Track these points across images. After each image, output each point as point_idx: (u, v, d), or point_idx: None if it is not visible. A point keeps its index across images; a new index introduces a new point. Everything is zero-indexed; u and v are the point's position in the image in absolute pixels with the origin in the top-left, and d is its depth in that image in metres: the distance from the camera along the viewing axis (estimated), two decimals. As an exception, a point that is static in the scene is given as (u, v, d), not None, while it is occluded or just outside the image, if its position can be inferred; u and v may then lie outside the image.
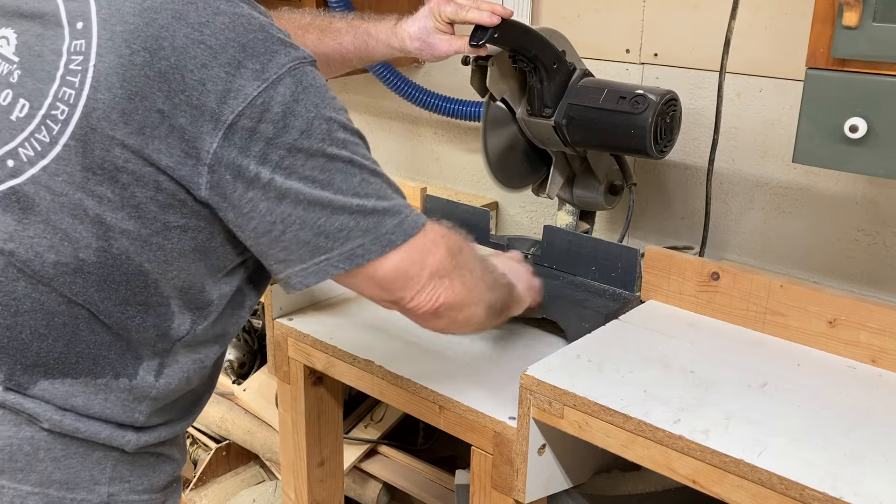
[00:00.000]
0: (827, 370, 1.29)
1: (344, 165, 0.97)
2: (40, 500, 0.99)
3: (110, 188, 0.93)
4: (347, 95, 2.32)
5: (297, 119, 0.93)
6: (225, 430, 2.25)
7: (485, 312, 1.18)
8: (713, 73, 1.60)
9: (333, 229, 0.97)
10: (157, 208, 0.94)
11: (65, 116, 0.92)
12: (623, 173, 1.69)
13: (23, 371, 0.98)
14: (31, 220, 0.95)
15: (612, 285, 1.55)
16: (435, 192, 1.91)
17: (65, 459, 1.00)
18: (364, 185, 0.99)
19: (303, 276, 1.00)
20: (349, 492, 2.00)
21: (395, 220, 1.01)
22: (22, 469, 0.98)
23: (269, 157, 0.93)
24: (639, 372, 1.26)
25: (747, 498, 1.05)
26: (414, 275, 1.05)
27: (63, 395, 0.99)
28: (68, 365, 0.99)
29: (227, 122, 0.91)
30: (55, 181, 0.93)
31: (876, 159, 1.15)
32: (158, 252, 0.97)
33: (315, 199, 0.96)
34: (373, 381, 1.45)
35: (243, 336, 2.32)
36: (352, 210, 0.98)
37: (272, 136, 0.92)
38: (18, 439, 0.98)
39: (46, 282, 0.96)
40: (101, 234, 0.95)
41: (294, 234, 0.97)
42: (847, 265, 1.58)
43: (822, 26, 1.14)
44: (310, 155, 0.94)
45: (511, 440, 1.26)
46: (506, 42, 1.48)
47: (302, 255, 0.98)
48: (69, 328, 0.98)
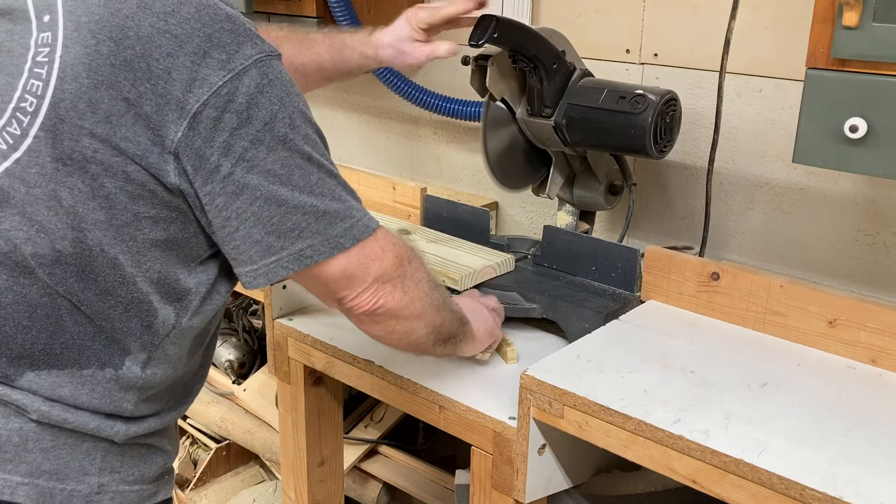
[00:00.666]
0: (827, 370, 1.29)
1: (303, 162, 0.98)
2: (30, 490, 0.99)
3: (80, 179, 0.93)
4: (347, 95, 2.32)
5: (261, 111, 0.93)
6: (225, 430, 2.25)
7: (426, 331, 1.18)
8: (713, 73, 1.60)
9: (285, 229, 0.98)
10: (127, 199, 0.95)
11: (34, 108, 0.92)
12: (623, 173, 1.69)
13: (8, 363, 0.99)
14: (7, 213, 0.95)
15: (612, 285, 1.55)
16: (435, 192, 1.91)
17: (54, 450, 1.01)
18: (320, 184, 0.99)
19: (252, 277, 1.00)
20: (349, 492, 2.00)
21: (347, 223, 1.02)
22: (11, 460, 0.99)
23: (232, 149, 0.93)
24: (639, 372, 1.26)
25: (747, 498, 1.05)
26: (359, 277, 1.06)
27: (50, 387, 1.00)
28: (53, 356, 1.00)
29: (192, 112, 0.91)
30: (28, 173, 0.94)
31: (876, 159, 1.15)
32: (131, 243, 0.97)
33: (271, 195, 0.96)
34: (373, 381, 1.45)
35: (243, 336, 2.32)
36: (305, 210, 0.98)
37: (236, 126, 0.93)
38: (7, 430, 0.99)
39: (27, 273, 0.97)
40: (76, 225, 0.95)
41: (247, 231, 0.97)
42: (847, 265, 1.58)
43: (822, 26, 1.14)
44: (271, 148, 0.95)
45: (511, 440, 1.26)
46: (505, 42, 1.48)
47: (252, 256, 0.99)
48: (52, 319, 0.99)
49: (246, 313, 2.34)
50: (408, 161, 2.24)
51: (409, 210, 1.89)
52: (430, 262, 1.57)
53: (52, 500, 1.01)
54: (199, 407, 2.27)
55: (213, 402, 2.27)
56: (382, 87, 2.01)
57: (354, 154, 2.35)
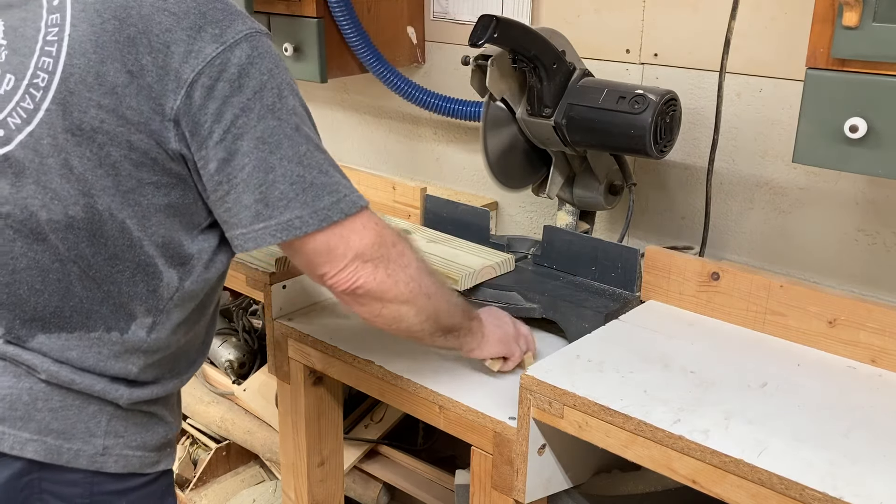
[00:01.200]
0: (827, 370, 1.29)
1: (291, 132, 1.03)
2: (38, 446, 1.05)
3: (89, 148, 1.00)
4: (347, 95, 2.32)
5: (252, 80, 1.00)
6: (225, 430, 2.25)
7: (419, 319, 1.18)
8: (713, 73, 1.60)
9: (274, 197, 1.02)
10: (132, 166, 1.01)
11: (45, 83, 1.00)
12: (623, 173, 1.69)
13: (21, 325, 1.06)
14: (23, 183, 1.02)
15: (612, 285, 1.55)
16: (435, 192, 1.91)
17: (62, 410, 1.06)
18: (308, 155, 1.04)
19: (242, 241, 1.05)
20: (349, 492, 2.00)
21: (335, 196, 1.06)
22: (21, 417, 1.05)
23: (224, 116, 0.99)
24: (639, 372, 1.26)
25: (747, 498, 1.05)
26: (339, 253, 1.08)
27: (59, 349, 1.06)
28: (63, 319, 1.06)
29: (188, 81, 0.98)
30: (41, 144, 1.01)
31: (876, 159, 1.15)
32: (136, 208, 1.03)
33: (260, 162, 1.01)
34: (373, 381, 1.45)
35: (243, 336, 2.32)
36: (293, 180, 1.03)
37: (228, 94, 0.99)
38: (18, 389, 1.05)
39: (41, 240, 1.04)
40: (86, 192, 1.02)
41: (237, 196, 1.02)
42: (847, 265, 1.58)
43: (822, 26, 1.14)
44: (261, 117, 1.00)
45: (511, 440, 1.26)
46: (506, 42, 1.48)
47: (242, 220, 1.04)
48: (63, 284, 1.05)
49: (246, 313, 2.34)
50: (408, 161, 2.24)
51: (409, 210, 1.89)
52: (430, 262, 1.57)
53: (59, 458, 1.06)
54: (199, 407, 2.27)
55: (213, 402, 2.27)
56: (382, 87, 2.01)
57: (354, 154, 2.35)
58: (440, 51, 2.07)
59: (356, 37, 1.89)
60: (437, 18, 2.05)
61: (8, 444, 1.04)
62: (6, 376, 1.06)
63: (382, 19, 1.98)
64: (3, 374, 1.06)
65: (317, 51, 1.85)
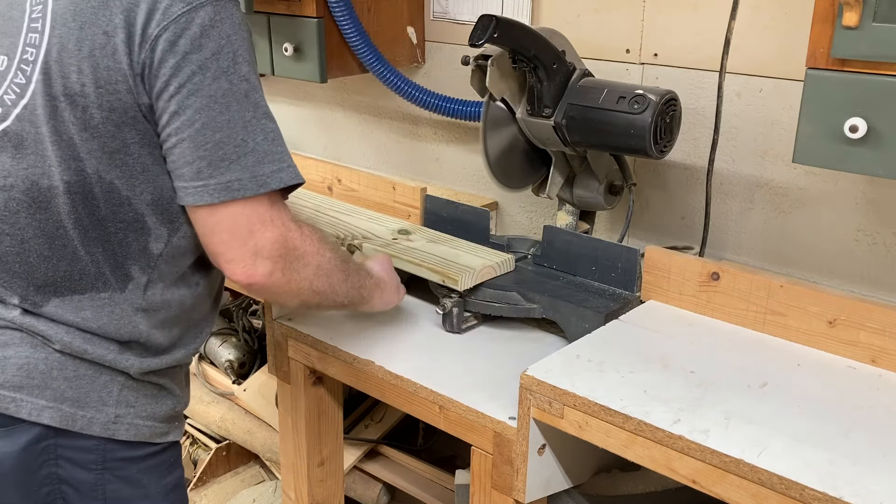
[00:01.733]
0: (827, 370, 1.29)
1: (241, 97, 1.08)
2: (54, 413, 1.11)
3: (73, 112, 1.06)
4: (347, 95, 2.32)
5: (211, 42, 1.05)
6: (225, 430, 2.25)
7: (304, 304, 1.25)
8: (713, 73, 1.60)
9: (216, 158, 1.07)
10: (114, 127, 1.07)
11: (34, 57, 1.08)
12: (623, 173, 1.69)
13: (35, 291, 1.12)
14: (23, 154, 1.09)
15: (612, 285, 1.55)
16: (435, 192, 1.91)
17: (76, 380, 1.12)
18: (255, 122, 1.09)
19: (183, 194, 1.09)
20: (349, 492, 2.00)
21: (276, 165, 1.10)
22: (38, 385, 1.10)
23: (181, 71, 1.05)
24: (639, 372, 1.26)
25: (747, 498, 1.05)
26: (244, 234, 1.10)
27: (73, 310, 1.12)
28: (73, 282, 1.12)
29: (153, 36, 1.04)
30: (35, 115, 1.08)
31: (876, 159, 1.15)
32: (123, 168, 1.09)
33: (209, 121, 1.06)
34: (373, 381, 1.45)
35: (243, 336, 2.32)
36: (237, 143, 1.07)
37: (188, 51, 1.05)
38: (34, 358, 1.11)
39: (44, 208, 1.10)
40: (75, 156, 1.08)
41: (182, 151, 1.07)
42: (847, 265, 1.58)
43: (822, 26, 1.14)
44: (215, 77, 1.06)
45: (511, 440, 1.26)
46: (506, 42, 1.48)
47: (185, 174, 1.08)
48: (69, 249, 1.11)
49: (246, 313, 2.34)
50: (408, 161, 2.24)
51: (409, 210, 1.89)
52: (430, 262, 1.57)
53: (73, 424, 1.11)
54: (199, 407, 2.27)
55: (213, 402, 2.27)
56: (382, 87, 2.01)
57: (354, 154, 2.35)
58: (440, 51, 2.07)
59: (356, 37, 1.89)
60: (437, 18, 2.05)
61: (26, 411, 1.09)
62: (23, 346, 1.11)
63: (382, 19, 1.98)
64: (21, 345, 1.11)
65: (317, 51, 1.85)
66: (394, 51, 2.01)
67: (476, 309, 1.54)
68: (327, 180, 2.06)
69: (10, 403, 1.09)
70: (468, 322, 1.55)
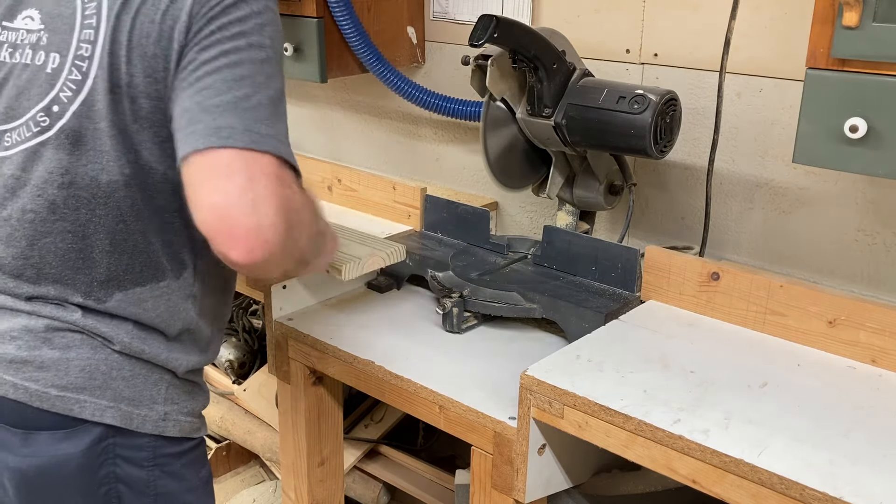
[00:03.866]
0: (827, 370, 1.29)
1: (258, 61, 1.04)
2: (115, 413, 1.13)
3: (125, 103, 1.08)
4: (347, 95, 2.32)
5: (240, 10, 1.06)
6: (225, 430, 2.25)
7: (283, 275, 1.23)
8: (713, 73, 1.60)
9: (212, 105, 1.01)
10: (163, 117, 1.08)
11: (89, 53, 1.09)
12: (623, 173, 1.69)
13: (99, 286, 1.14)
14: (82, 151, 1.10)
15: (612, 285, 1.55)
16: (435, 192, 1.91)
17: (132, 379, 1.15)
18: (263, 87, 1.03)
19: (176, 148, 1.02)
20: (349, 492, 2.00)
21: (271, 131, 1.01)
22: (100, 386, 1.13)
23: (204, 30, 1.05)
24: (639, 372, 1.26)
25: (747, 498, 1.05)
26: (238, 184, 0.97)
27: (135, 302, 1.15)
28: (135, 274, 1.15)
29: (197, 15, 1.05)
30: (93, 110, 1.09)
31: (876, 159, 1.15)
32: (172, 156, 1.07)
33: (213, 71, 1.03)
34: (373, 381, 1.45)
35: (243, 336, 2.32)
36: (239, 96, 1.01)
37: (217, 14, 1.05)
38: (95, 360, 1.13)
39: (104, 203, 1.11)
40: (131, 147, 1.10)
41: (180, 100, 1.04)
42: (847, 265, 1.58)
43: (822, 26, 1.14)
44: (234, 37, 1.05)
45: (511, 440, 1.26)
46: (506, 42, 1.48)
47: (179, 125, 1.03)
48: (130, 242, 1.14)
49: (246, 313, 2.34)
50: (408, 161, 2.24)
51: (409, 210, 1.90)
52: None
53: (130, 423, 1.14)
54: (199, 407, 2.27)
55: (213, 402, 2.27)
56: (382, 87, 2.01)
57: (354, 154, 2.35)
58: (440, 51, 2.07)
59: (356, 37, 1.89)
60: (437, 18, 2.05)
61: (89, 412, 1.12)
62: (84, 348, 1.13)
63: (382, 19, 1.98)
64: (81, 347, 1.13)
65: (317, 51, 1.85)
66: (394, 51, 2.01)
67: (476, 309, 1.54)
68: (327, 180, 2.06)
69: (75, 405, 1.11)
70: (468, 322, 1.55)
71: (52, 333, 1.13)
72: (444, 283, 1.59)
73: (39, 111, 1.11)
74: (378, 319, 1.59)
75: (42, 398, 1.10)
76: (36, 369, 1.11)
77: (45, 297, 1.14)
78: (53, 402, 1.10)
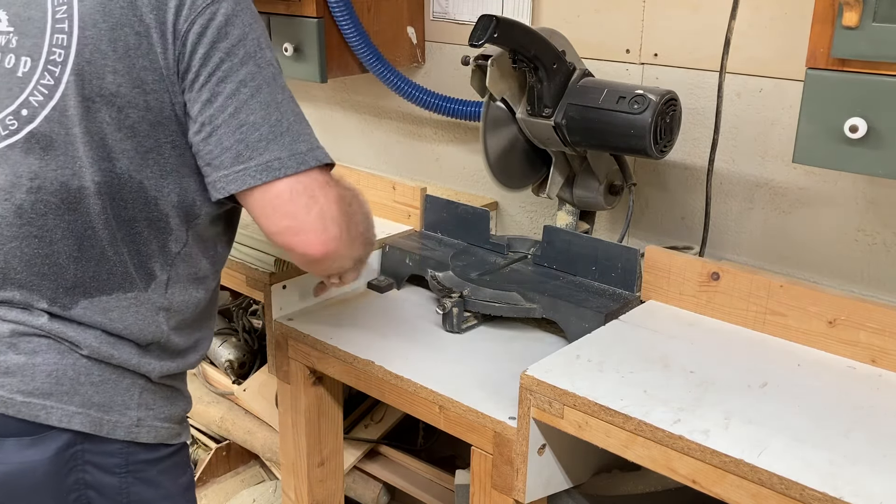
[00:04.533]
0: (827, 370, 1.29)
1: (270, 80, 1.10)
2: (84, 419, 1.11)
3: (108, 113, 1.08)
4: (347, 95, 2.32)
5: (236, 29, 1.09)
6: (225, 430, 2.25)
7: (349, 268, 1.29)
8: (713, 73, 1.60)
9: (253, 139, 1.08)
10: (149, 127, 1.09)
11: (62, 58, 1.08)
12: (623, 173, 1.69)
13: (65, 293, 1.12)
14: (51, 156, 1.09)
15: (612, 285, 1.55)
16: (435, 192, 1.91)
17: (102, 385, 1.13)
18: (285, 104, 1.11)
19: (224, 183, 1.09)
20: (349, 492, 2.00)
21: (308, 144, 1.11)
22: (67, 392, 1.11)
23: (210, 59, 1.08)
24: (639, 372, 1.26)
25: (747, 498, 1.05)
26: (303, 204, 1.10)
27: (101, 311, 1.13)
28: (101, 282, 1.13)
29: (183, 31, 1.07)
30: (66, 116, 1.08)
31: (876, 159, 1.15)
32: (154, 168, 1.11)
33: (241, 105, 1.08)
34: (373, 381, 1.45)
35: (243, 336, 2.32)
36: (272, 123, 1.09)
37: (215, 40, 1.07)
38: (63, 365, 1.11)
39: (73, 209, 1.10)
40: (106, 156, 1.09)
41: (219, 138, 1.08)
42: (847, 265, 1.58)
43: (822, 26, 1.14)
44: (243, 62, 1.08)
45: (511, 440, 1.26)
46: (506, 42, 1.48)
47: (224, 161, 1.09)
48: (97, 249, 1.12)
49: (246, 313, 2.34)
50: (408, 161, 2.24)
51: (409, 210, 1.89)
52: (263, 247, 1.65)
53: (100, 429, 1.12)
54: (199, 407, 2.27)
55: (213, 402, 2.27)
56: (382, 87, 2.01)
57: (354, 154, 2.34)
58: (440, 51, 2.07)
59: (356, 37, 1.89)
60: (437, 18, 2.05)
61: (56, 418, 1.10)
62: (50, 353, 1.11)
63: (382, 19, 1.98)
64: (48, 352, 1.11)
65: (317, 51, 1.85)
66: (394, 51, 2.01)
67: (476, 309, 1.55)
68: (327, 180, 2.06)
69: (41, 411, 1.09)
70: (468, 322, 1.55)
71: (17, 338, 1.11)
72: (444, 283, 1.59)
73: (8, 115, 1.10)
74: (378, 319, 1.59)
75: (7, 404, 1.08)
76: (1, 375, 1.09)
77: (10, 301, 1.12)
78: (19, 408, 1.08)
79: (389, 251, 1.75)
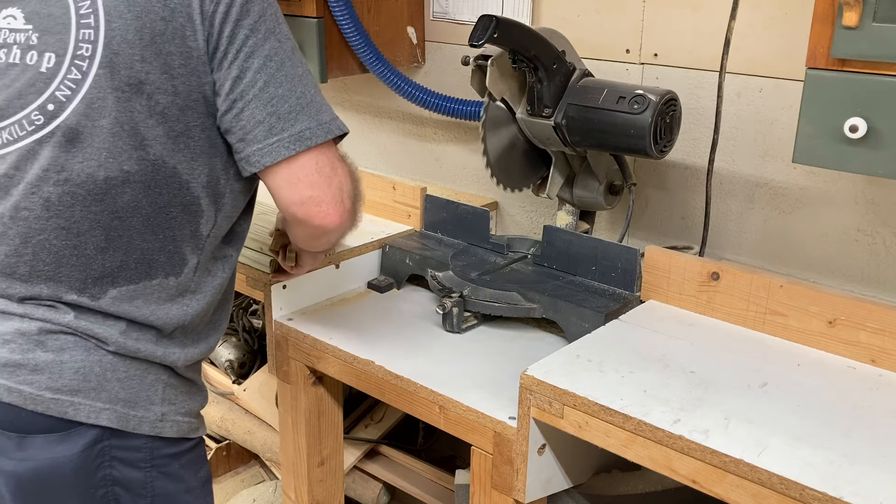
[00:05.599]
0: (827, 370, 1.29)
1: (291, 53, 1.16)
2: (111, 414, 1.13)
3: (139, 101, 1.10)
4: (348, 95, 2.32)
5: (255, 5, 1.13)
6: (225, 430, 2.25)
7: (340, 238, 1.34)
8: (713, 73, 1.60)
9: (284, 111, 1.13)
10: (178, 111, 1.12)
11: (90, 53, 1.10)
12: (623, 173, 1.69)
13: (93, 283, 1.14)
14: (78, 149, 1.11)
15: (612, 285, 1.55)
16: (435, 192, 1.91)
17: (127, 380, 1.15)
18: (306, 76, 1.17)
19: (259, 156, 1.14)
20: (349, 492, 2.00)
21: (329, 114, 1.18)
22: (94, 388, 1.13)
23: (236, 37, 1.12)
24: (639, 372, 1.26)
25: (747, 498, 1.05)
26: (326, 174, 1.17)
27: (128, 299, 1.15)
28: (128, 270, 1.15)
29: (209, 12, 1.11)
30: (92, 108, 1.10)
31: (876, 159, 1.15)
32: (185, 151, 1.14)
33: (270, 79, 1.13)
34: (373, 381, 1.45)
35: (243, 336, 2.32)
36: (298, 95, 1.14)
37: (238, 17, 1.12)
38: (90, 362, 1.13)
39: (99, 200, 1.12)
40: (138, 144, 1.11)
41: (251, 112, 1.13)
42: (847, 265, 1.58)
43: (822, 26, 1.14)
44: (266, 37, 1.13)
45: (511, 440, 1.26)
46: (505, 42, 1.48)
47: (257, 135, 1.13)
48: (125, 239, 1.14)
49: (246, 313, 2.34)
50: (408, 161, 2.24)
51: (409, 210, 1.90)
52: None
53: (126, 424, 1.14)
54: (199, 407, 2.27)
55: (213, 402, 2.27)
56: (382, 87, 2.01)
57: (354, 154, 2.33)
58: (440, 51, 2.07)
59: (356, 37, 1.89)
60: (437, 18, 2.05)
61: (84, 414, 1.11)
62: (77, 350, 1.13)
63: (382, 19, 1.98)
64: (75, 349, 1.13)
65: (317, 51, 1.85)
66: (394, 51, 2.01)
67: (476, 309, 1.55)
68: (327, 180, 2.06)
69: (69, 407, 1.11)
70: (468, 322, 1.55)
71: (45, 336, 1.12)
72: (444, 282, 1.59)
73: (34, 110, 1.11)
74: (378, 319, 1.59)
75: (36, 401, 1.10)
76: (30, 372, 1.10)
77: (37, 297, 1.14)
78: (48, 404, 1.10)
79: (389, 251, 1.75)
